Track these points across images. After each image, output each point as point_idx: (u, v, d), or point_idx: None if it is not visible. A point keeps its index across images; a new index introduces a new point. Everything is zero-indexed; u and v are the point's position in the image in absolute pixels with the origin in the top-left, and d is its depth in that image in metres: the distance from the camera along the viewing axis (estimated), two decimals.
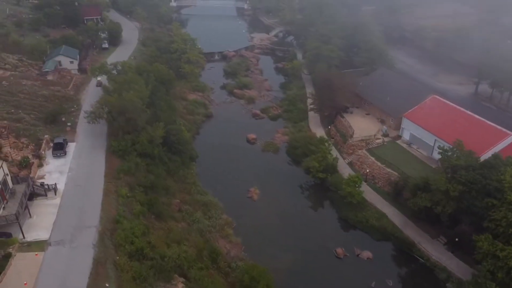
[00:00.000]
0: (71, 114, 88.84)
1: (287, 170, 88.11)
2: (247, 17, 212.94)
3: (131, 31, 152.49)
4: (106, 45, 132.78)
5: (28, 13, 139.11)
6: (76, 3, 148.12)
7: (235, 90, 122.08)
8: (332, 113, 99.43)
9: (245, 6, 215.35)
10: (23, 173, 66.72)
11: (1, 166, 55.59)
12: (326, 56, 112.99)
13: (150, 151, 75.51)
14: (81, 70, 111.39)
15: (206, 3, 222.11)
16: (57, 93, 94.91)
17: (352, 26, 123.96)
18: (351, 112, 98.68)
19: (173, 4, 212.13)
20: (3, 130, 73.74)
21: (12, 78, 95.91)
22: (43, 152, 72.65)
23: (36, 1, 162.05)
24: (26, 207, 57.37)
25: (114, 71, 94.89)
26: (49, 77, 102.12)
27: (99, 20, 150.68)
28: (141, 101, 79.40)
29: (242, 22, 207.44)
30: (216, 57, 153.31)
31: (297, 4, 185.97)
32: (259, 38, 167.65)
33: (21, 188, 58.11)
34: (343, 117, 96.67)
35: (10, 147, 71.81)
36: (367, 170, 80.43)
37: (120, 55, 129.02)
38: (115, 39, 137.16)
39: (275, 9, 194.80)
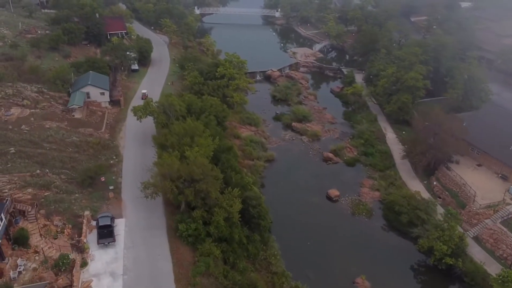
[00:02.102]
0: (111, 169, 69.02)
1: (392, 244, 68.42)
2: (278, 26, 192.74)
3: (160, 47, 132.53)
4: (135, 67, 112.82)
5: (43, 28, 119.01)
6: (97, 15, 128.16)
7: (294, 124, 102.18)
8: (431, 161, 79.71)
9: (276, 14, 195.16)
10: (61, 281, 46.95)
11: None
12: (410, 86, 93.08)
13: (228, 234, 55.87)
14: (113, 102, 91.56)
15: (230, 10, 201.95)
16: (89, 139, 75.02)
17: (432, 47, 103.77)
18: (457, 162, 78.98)
19: (197, 11, 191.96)
20: (29, 209, 53.89)
21: (33, 119, 75.95)
22: (85, 240, 52.86)
23: (49, 10, 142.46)
24: None
25: (161, 110, 75.45)
26: (77, 115, 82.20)
27: (123, 35, 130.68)
28: (207, 159, 59.89)
29: (270, 30, 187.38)
30: (258, 77, 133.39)
31: (344, 13, 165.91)
32: (302, 53, 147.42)
33: None
34: (449, 168, 76.95)
35: (41, 235, 52.00)
36: None
37: (154, 80, 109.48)
38: (145, 58, 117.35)
39: (314, 19, 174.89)
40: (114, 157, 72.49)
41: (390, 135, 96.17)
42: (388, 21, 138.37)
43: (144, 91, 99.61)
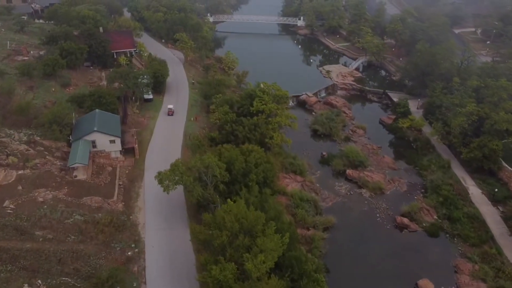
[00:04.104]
0: (130, 267, 49.23)
1: None
2: (301, 36, 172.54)
3: (174, 66, 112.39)
4: (149, 96, 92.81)
5: (37, 46, 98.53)
6: (101, 29, 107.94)
7: (348, 171, 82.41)
8: None
9: (299, 23, 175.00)
10: None
11: None
12: (501, 130, 73.67)
13: None
14: (126, 149, 71.55)
15: (245, 17, 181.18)
16: (98, 215, 55.09)
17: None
18: None
19: (210, 19, 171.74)
20: None
21: (21, 188, 55.93)
22: None
23: (44, 21, 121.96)
24: None
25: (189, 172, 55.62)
26: (80, 175, 62.19)
27: (132, 53, 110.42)
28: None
29: (294, 42, 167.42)
30: (291, 103, 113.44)
31: (377, 24, 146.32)
32: (338, 72, 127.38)
33: None
34: None
35: None
36: None
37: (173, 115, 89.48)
38: (160, 84, 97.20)
39: (346, 30, 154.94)
40: (133, 245, 52.67)
41: (474, 190, 76.54)
42: (440, 36, 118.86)
43: (170, 106, 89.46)
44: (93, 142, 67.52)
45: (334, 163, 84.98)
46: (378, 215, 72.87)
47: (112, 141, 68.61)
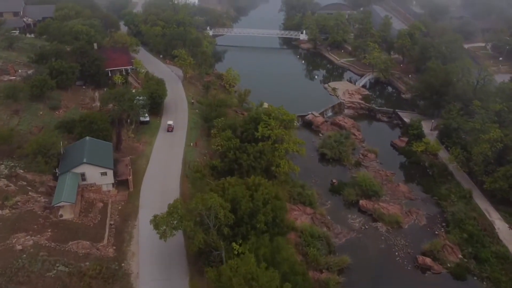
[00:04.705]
0: None
1: None
2: (303, 50, 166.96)
3: (173, 84, 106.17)
4: (146, 118, 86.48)
5: (26, 64, 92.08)
6: (95, 45, 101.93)
7: (362, 202, 75.76)
8: None
9: (301, 37, 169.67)
10: None
11: None
12: None
13: None
14: (118, 182, 64.77)
15: (246, 31, 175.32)
16: (85, 264, 48.18)
17: None
18: None
19: (210, 33, 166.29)
20: None
21: None
22: None
23: (35, 37, 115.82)
24: None
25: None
26: (66, 215, 55.38)
27: (129, 71, 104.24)
28: None
29: (296, 56, 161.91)
30: (296, 123, 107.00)
31: (383, 38, 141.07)
32: (344, 90, 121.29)
33: None
34: None
35: None
36: None
37: (171, 137, 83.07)
38: (157, 105, 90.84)
39: (350, 45, 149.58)
40: None
41: (500, 225, 69.91)
42: (453, 53, 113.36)
43: (170, 122, 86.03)
44: (83, 174, 60.85)
45: (345, 192, 78.29)
46: (397, 253, 65.98)
47: (104, 173, 61.93)
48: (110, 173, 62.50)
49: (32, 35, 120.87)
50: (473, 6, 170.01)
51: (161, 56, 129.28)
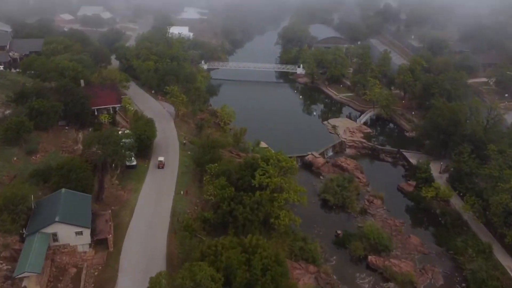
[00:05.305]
0: None
1: None
2: (300, 85, 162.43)
3: (164, 123, 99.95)
4: (133, 162, 79.36)
5: (4, 103, 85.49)
6: (82, 82, 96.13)
7: (371, 258, 68.12)
8: None
9: (298, 71, 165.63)
10: None
11: None
12: None
13: None
14: (96, 241, 56.91)
15: (241, 64, 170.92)
16: None
17: None
18: None
19: (204, 66, 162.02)
20: None
21: None
22: None
23: (19, 72, 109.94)
24: None
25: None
26: (32, 286, 47.18)
27: (117, 109, 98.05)
28: None
29: (294, 91, 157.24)
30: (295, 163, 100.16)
31: (382, 73, 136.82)
32: (345, 128, 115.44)
33: None
34: None
35: None
36: None
37: (158, 184, 75.74)
38: (146, 147, 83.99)
39: (349, 80, 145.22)
40: None
41: None
42: (457, 90, 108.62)
43: (161, 158, 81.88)
44: (54, 235, 53.15)
45: (352, 246, 70.60)
46: None
47: (79, 233, 54.25)
48: (86, 232, 54.81)
49: (18, 70, 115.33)
50: (471, 40, 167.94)
51: (153, 91, 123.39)
